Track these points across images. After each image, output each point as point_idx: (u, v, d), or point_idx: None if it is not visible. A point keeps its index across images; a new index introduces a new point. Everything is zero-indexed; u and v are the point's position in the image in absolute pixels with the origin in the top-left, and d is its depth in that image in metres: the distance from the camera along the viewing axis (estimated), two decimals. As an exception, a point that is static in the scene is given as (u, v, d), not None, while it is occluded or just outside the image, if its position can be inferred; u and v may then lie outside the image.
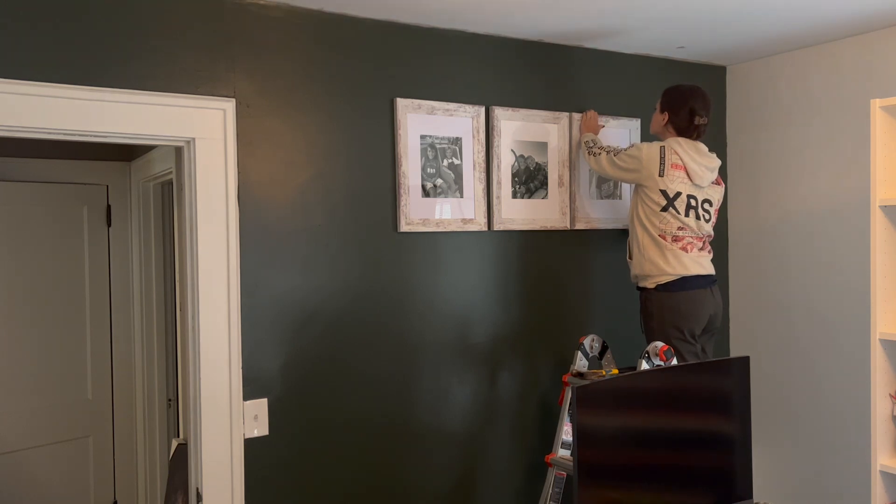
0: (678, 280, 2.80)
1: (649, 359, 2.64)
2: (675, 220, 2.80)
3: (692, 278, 2.82)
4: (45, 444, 3.65)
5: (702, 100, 2.86)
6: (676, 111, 2.85)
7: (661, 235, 2.82)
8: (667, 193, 2.79)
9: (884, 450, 2.48)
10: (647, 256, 2.84)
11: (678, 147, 2.81)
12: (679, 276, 2.80)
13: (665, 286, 2.81)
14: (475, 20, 2.76)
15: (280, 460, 2.56)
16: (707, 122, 2.87)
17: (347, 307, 2.67)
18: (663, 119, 2.89)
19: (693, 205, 2.83)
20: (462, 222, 2.88)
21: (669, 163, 2.79)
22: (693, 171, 2.81)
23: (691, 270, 2.82)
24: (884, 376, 2.48)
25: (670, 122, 2.87)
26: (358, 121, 2.68)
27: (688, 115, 2.84)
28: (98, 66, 2.25)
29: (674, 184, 2.79)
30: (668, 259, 2.81)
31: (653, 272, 2.83)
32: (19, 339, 3.57)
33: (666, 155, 2.79)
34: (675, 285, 2.80)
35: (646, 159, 2.81)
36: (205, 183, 2.42)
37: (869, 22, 2.89)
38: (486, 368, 2.97)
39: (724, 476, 2.48)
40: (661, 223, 2.81)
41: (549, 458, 2.78)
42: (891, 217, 2.48)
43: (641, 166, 2.82)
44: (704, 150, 2.87)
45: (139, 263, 3.77)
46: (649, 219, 2.83)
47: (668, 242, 2.81)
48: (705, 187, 2.86)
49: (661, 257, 2.81)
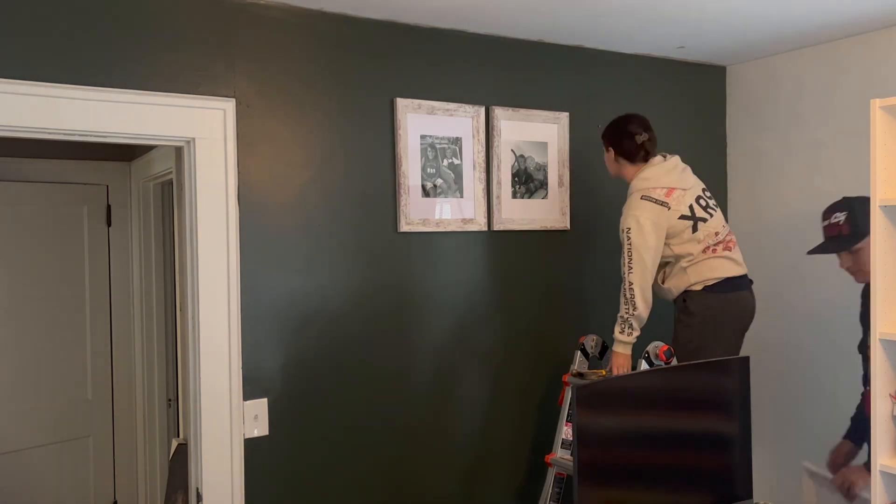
0: (724, 281, 2.77)
1: (649, 359, 2.64)
2: (707, 228, 2.76)
3: (735, 279, 2.79)
4: (45, 444, 3.65)
5: (635, 120, 2.83)
6: (618, 141, 2.83)
7: (706, 249, 2.76)
8: (685, 215, 2.75)
9: (884, 450, 2.47)
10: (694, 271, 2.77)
11: (651, 182, 2.75)
12: (723, 278, 2.77)
13: (712, 287, 2.76)
14: (475, 20, 2.76)
15: (280, 460, 2.56)
16: (650, 137, 2.81)
17: (347, 307, 2.67)
18: (612, 156, 2.87)
19: (704, 204, 2.81)
20: (462, 222, 2.88)
21: (661, 195, 2.73)
22: (673, 181, 2.77)
23: (735, 272, 2.79)
24: (884, 376, 2.48)
25: (618, 154, 2.84)
26: (358, 121, 2.68)
27: (628, 138, 2.80)
28: (98, 66, 2.26)
29: (682, 204, 2.75)
30: (715, 265, 2.77)
31: (698, 279, 2.77)
32: (19, 338, 3.56)
33: (653, 195, 2.73)
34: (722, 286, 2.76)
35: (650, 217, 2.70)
36: (205, 183, 2.42)
37: (869, 22, 2.89)
38: (486, 368, 2.97)
39: (724, 476, 2.48)
40: (699, 244, 2.75)
41: (549, 458, 2.78)
42: (891, 217, 2.47)
43: (650, 229, 2.69)
44: (662, 161, 2.82)
45: (139, 263, 3.77)
46: (688, 250, 2.76)
47: (713, 251, 2.76)
48: (692, 185, 2.83)
49: (709, 265, 2.76)
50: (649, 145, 2.82)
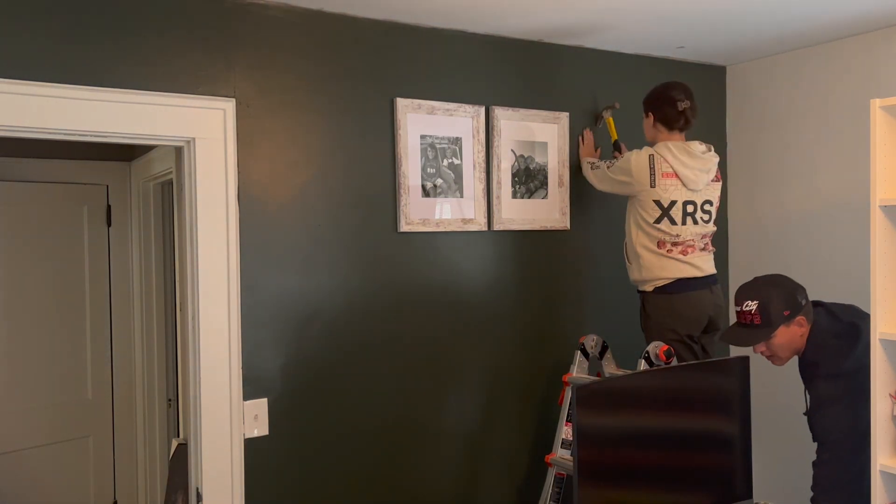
0: (675, 282, 2.79)
1: (649, 359, 2.64)
2: (671, 230, 2.77)
3: (690, 280, 2.80)
4: (45, 444, 3.65)
5: (679, 87, 2.82)
6: (659, 106, 2.82)
7: (660, 243, 2.79)
8: (661, 203, 2.75)
9: (884, 450, 2.47)
10: (643, 263, 2.81)
11: (668, 154, 2.75)
12: (675, 278, 2.79)
13: (662, 288, 2.80)
14: (475, 20, 2.76)
15: (280, 460, 2.56)
16: (692, 106, 2.80)
17: (347, 307, 2.67)
18: (651, 121, 2.86)
19: (690, 211, 2.79)
20: (462, 222, 2.88)
21: (660, 172, 2.74)
22: (686, 177, 2.76)
23: (688, 274, 2.79)
24: (884, 376, 2.48)
25: (657, 120, 2.83)
26: (358, 121, 2.68)
27: (670, 104, 2.79)
28: (98, 66, 2.26)
29: (667, 193, 2.75)
30: (665, 265, 2.78)
31: (649, 277, 2.81)
32: (19, 339, 3.56)
33: (655, 165, 2.74)
34: (672, 287, 2.79)
35: (635, 170, 2.76)
36: (205, 183, 2.42)
37: (869, 22, 2.89)
38: (486, 368, 2.97)
39: (724, 476, 2.48)
40: (657, 233, 2.78)
41: (549, 458, 2.78)
42: (891, 217, 2.47)
43: (632, 178, 2.78)
44: (697, 152, 2.80)
45: (139, 263, 3.77)
46: (644, 229, 2.80)
47: (666, 250, 2.78)
48: (702, 189, 2.82)
49: (658, 264, 2.79)
50: (690, 113, 2.80)
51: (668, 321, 2.79)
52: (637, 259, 2.84)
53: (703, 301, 2.83)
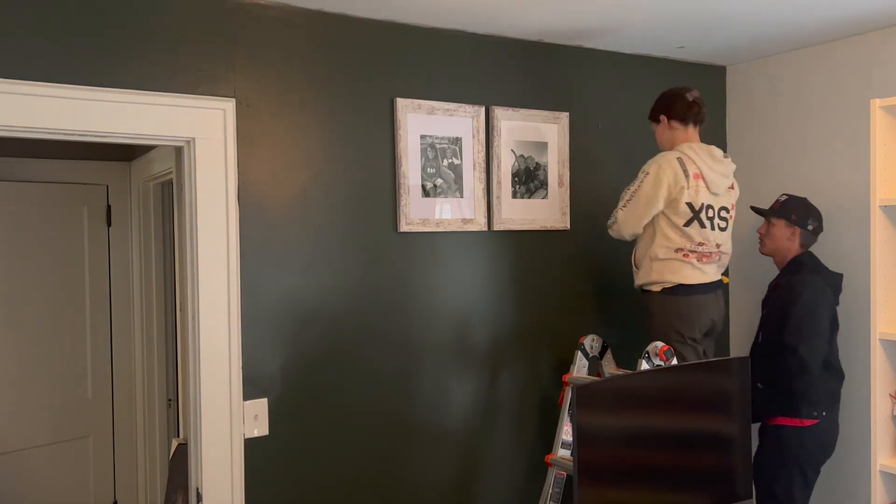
0: (683, 285, 2.76)
1: (649, 359, 2.64)
2: (698, 235, 2.71)
3: (698, 284, 2.77)
4: (45, 444, 3.65)
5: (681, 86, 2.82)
6: (670, 105, 2.79)
7: (681, 251, 2.72)
8: (693, 206, 2.68)
9: (884, 450, 2.47)
10: (655, 268, 2.75)
11: (693, 154, 2.70)
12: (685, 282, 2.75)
13: (670, 290, 2.76)
14: (475, 20, 2.76)
15: (280, 460, 2.56)
16: (700, 97, 2.78)
17: (347, 307, 2.67)
18: (664, 125, 2.81)
19: (711, 215, 2.74)
20: (462, 222, 2.88)
21: (692, 172, 2.68)
22: (710, 179, 2.72)
23: (698, 280, 2.76)
24: (884, 376, 2.48)
25: (671, 118, 2.78)
26: (358, 121, 2.68)
27: (679, 99, 2.77)
28: (98, 66, 2.26)
29: (698, 195, 2.69)
30: (676, 268, 2.73)
31: (658, 279, 2.76)
32: (19, 338, 3.56)
33: (687, 165, 2.68)
34: (680, 289, 2.75)
35: (667, 175, 2.66)
36: (205, 183, 2.42)
37: (868, 22, 2.89)
38: (486, 368, 2.97)
39: (724, 476, 2.48)
40: (681, 238, 2.71)
41: (549, 458, 2.78)
42: (891, 217, 2.48)
43: (664, 187, 2.66)
44: (719, 156, 2.78)
45: (139, 263, 3.77)
46: (668, 236, 2.72)
47: (683, 254, 2.72)
48: (721, 194, 2.78)
49: (670, 268, 2.73)
50: (701, 102, 2.79)
51: (674, 323, 2.76)
52: (649, 265, 2.77)
53: (708, 305, 2.81)
